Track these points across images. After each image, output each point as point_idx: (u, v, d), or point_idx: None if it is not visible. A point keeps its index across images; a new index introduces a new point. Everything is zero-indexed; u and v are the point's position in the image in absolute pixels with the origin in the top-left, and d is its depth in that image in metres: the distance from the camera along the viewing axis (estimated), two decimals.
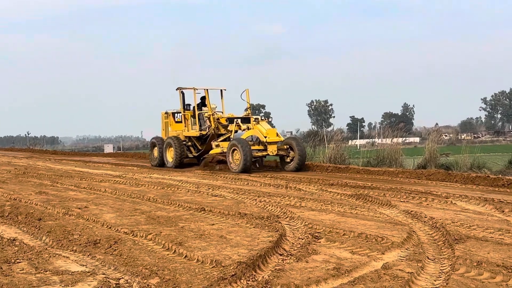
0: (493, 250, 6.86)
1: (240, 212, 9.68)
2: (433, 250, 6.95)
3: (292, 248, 7.10)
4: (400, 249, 6.97)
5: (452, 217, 9.12)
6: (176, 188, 13.70)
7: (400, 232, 7.97)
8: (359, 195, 11.76)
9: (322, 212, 9.80)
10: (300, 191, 12.82)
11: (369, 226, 8.45)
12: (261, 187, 13.76)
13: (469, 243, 7.22)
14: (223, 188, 13.56)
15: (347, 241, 7.48)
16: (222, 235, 7.87)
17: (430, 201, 10.99)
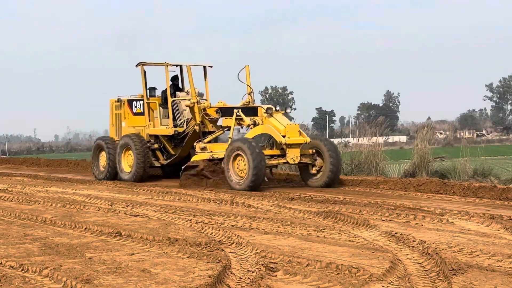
0: (502, 283, 6.89)
1: (169, 237, 9.53)
2: (424, 284, 6.97)
3: (239, 284, 7.00)
4: (381, 284, 6.94)
5: (449, 240, 9.20)
6: (83, 206, 13.41)
7: (381, 260, 7.97)
8: (327, 212, 11.75)
9: (279, 236, 9.75)
10: (251, 208, 12.75)
11: (340, 254, 8.44)
12: (198, 203, 13.61)
13: (471, 274, 7.24)
14: (147, 205, 13.37)
15: (312, 273, 7.42)
16: (144, 268, 7.71)
17: (420, 219, 11.04)
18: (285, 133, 15.27)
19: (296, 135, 15.56)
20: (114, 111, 19.69)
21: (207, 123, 17.21)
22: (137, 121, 18.91)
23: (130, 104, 19.21)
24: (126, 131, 18.83)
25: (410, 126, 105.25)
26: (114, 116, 19.70)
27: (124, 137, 18.37)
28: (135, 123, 18.97)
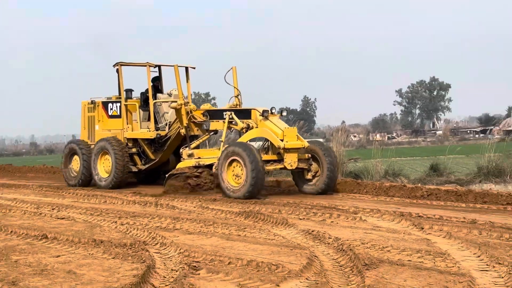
0: (411, 276, 7.03)
1: (95, 239, 9.41)
2: (339, 278, 7.06)
3: (164, 283, 6.97)
4: (299, 279, 7.00)
5: (362, 237, 9.35)
6: (8, 210, 13.13)
7: (298, 257, 8.04)
8: (248, 212, 11.80)
9: (202, 236, 9.75)
10: (174, 210, 12.72)
11: (260, 252, 8.50)
12: (123, 206, 13.49)
13: (382, 268, 7.37)
14: (72, 208, 13.18)
15: (234, 271, 7.44)
16: (70, 269, 7.60)
17: (335, 217, 11.19)
18: (283, 137, 13.93)
19: (294, 139, 14.14)
20: (87, 114, 18.11)
21: (193, 126, 15.80)
22: (113, 124, 17.36)
23: (105, 106, 17.48)
24: (101, 135, 17.29)
25: (326, 130, 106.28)
26: (86, 118, 18.13)
27: (101, 141, 16.75)
28: (110, 126, 17.40)
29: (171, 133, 16.08)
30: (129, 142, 16.60)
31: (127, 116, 16.86)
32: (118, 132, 16.84)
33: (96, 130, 17.40)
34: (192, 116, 15.36)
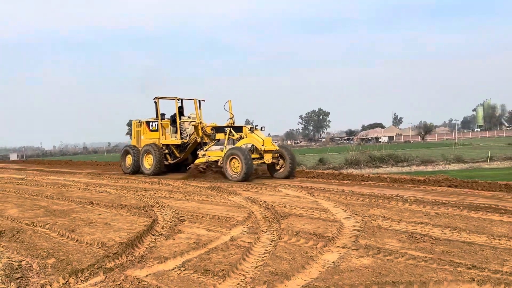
0: (307, 223, 7.25)
1: (121, 204, 9.43)
2: (266, 224, 7.20)
3: (163, 229, 7.05)
4: (242, 226, 7.16)
5: (279, 200, 9.47)
6: (69, 187, 12.97)
7: (243, 213, 8.18)
8: (213, 187, 11.89)
9: (186, 201, 9.79)
10: (170, 186, 12.71)
11: (220, 210, 8.58)
12: (139, 184, 13.45)
13: (291, 218, 7.57)
14: (108, 185, 13.10)
15: (205, 222, 7.55)
16: (107, 222, 7.64)
17: (264, 189, 11.34)
18: (263, 143, 13.92)
19: (270, 145, 14.04)
20: (136, 128, 17.80)
21: (205, 137, 15.39)
22: (153, 135, 17.06)
23: (147, 124, 17.24)
24: (145, 142, 16.96)
25: None
26: (135, 131, 17.83)
27: (146, 146, 16.36)
28: (151, 136, 17.08)
29: (191, 141, 15.89)
30: (164, 146, 16.43)
31: (162, 130, 16.68)
32: (156, 140, 16.68)
33: (142, 139, 17.24)
34: (205, 130, 15.15)
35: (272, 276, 4.81)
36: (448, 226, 6.76)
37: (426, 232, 6.44)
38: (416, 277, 4.67)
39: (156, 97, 16.37)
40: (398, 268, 4.95)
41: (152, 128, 17.13)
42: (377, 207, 8.48)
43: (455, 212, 7.79)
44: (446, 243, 5.90)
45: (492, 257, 5.28)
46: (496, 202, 8.75)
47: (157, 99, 16.39)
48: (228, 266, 5.17)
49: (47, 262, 5.45)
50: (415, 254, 5.41)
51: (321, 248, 5.80)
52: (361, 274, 4.79)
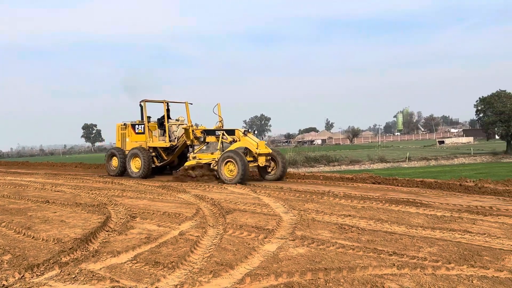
0: (250, 217, 7.27)
1: (76, 202, 9.08)
2: (213, 219, 7.17)
3: (116, 225, 6.87)
4: (191, 221, 7.09)
5: (225, 197, 9.44)
6: (26, 187, 12.36)
7: (191, 209, 8.10)
8: (164, 186, 11.69)
9: (138, 199, 9.58)
10: (122, 185, 12.39)
11: (171, 207, 8.46)
12: (93, 184, 12.98)
13: (235, 213, 7.57)
14: (64, 185, 12.57)
15: (155, 218, 7.42)
16: (62, 220, 7.34)
17: (211, 188, 11.28)
18: (257, 146, 12.69)
19: (263, 148, 12.83)
20: (120, 131, 16.16)
21: (194, 140, 14.13)
22: (138, 138, 15.46)
23: (133, 127, 15.60)
24: (130, 144, 15.45)
25: None
26: (119, 134, 16.19)
27: (133, 149, 14.83)
28: (137, 139, 15.49)
29: (179, 144, 14.62)
30: (151, 149, 15.06)
31: (149, 133, 15.18)
32: (142, 143, 15.14)
33: (127, 141, 15.77)
34: (195, 133, 13.95)
35: (218, 266, 4.79)
36: (373, 218, 6.97)
37: (354, 224, 6.62)
38: (345, 263, 4.79)
39: (143, 100, 15.08)
40: (330, 256, 5.05)
41: (138, 131, 15.62)
42: (311, 202, 8.62)
43: (378, 206, 8.05)
44: (371, 233, 6.08)
45: (410, 244, 5.49)
46: (413, 197, 9.12)
47: (143, 102, 15.09)
48: (177, 258, 5.10)
49: (3, 259, 5.17)
50: (344, 243, 5.54)
51: (262, 239, 5.83)
52: (297, 262, 4.85)
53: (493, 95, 56.47)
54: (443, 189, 10.33)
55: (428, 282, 4.18)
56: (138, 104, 15.30)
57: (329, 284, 4.20)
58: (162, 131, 15.28)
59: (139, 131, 15.55)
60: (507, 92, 56.36)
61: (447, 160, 50.48)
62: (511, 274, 4.37)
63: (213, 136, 13.78)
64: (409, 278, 4.29)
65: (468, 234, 5.87)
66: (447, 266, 4.62)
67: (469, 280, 4.22)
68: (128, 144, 15.70)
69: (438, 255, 5.02)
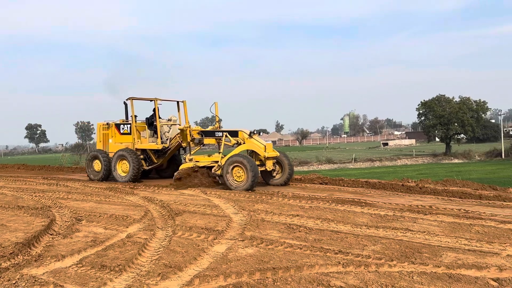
0: (200, 219, 7.23)
1: (18, 205, 8.66)
2: (162, 221, 7.07)
3: (60, 229, 6.64)
4: (139, 223, 6.96)
5: (175, 199, 9.34)
6: None
7: (139, 211, 7.94)
8: (111, 188, 11.39)
9: (84, 202, 9.28)
10: (68, 187, 11.94)
11: (118, 209, 8.26)
12: (37, 186, 12.40)
13: (185, 215, 7.50)
14: (5, 187, 11.95)
15: (102, 220, 7.23)
16: (2, 223, 6.99)
17: (160, 189, 11.10)
18: (265, 149, 11.48)
19: (271, 151, 11.65)
20: (102, 132, 14.44)
21: (184, 141, 12.79)
22: (124, 139, 13.82)
23: (117, 127, 13.99)
24: (115, 146, 13.92)
25: None
26: (101, 135, 14.46)
27: (120, 151, 13.26)
28: (122, 140, 13.87)
29: (172, 146, 13.28)
30: (138, 151, 13.45)
31: (136, 134, 13.59)
32: (128, 144, 13.60)
33: (110, 142, 14.14)
34: (192, 135, 12.54)
35: (166, 268, 4.73)
36: (320, 217, 7.11)
37: (302, 223, 6.72)
38: (292, 262, 4.85)
39: (130, 98, 13.43)
40: (278, 256, 5.11)
41: (123, 131, 13.97)
42: (261, 202, 8.68)
43: (325, 206, 8.22)
44: (317, 232, 6.20)
45: (354, 243, 5.65)
46: (358, 197, 9.39)
47: (131, 99, 13.45)
48: (124, 261, 4.99)
49: None
50: (292, 243, 5.62)
51: (211, 240, 5.81)
52: (246, 262, 4.87)
53: (433, 100, 59.09)
54: (387, 189, 10.70)
55: (371, 279, 4.32)
56: (123, 102, 13.92)
57: (277, 283, 4.24)
58: (152, 131, 13.83)
59: (124, 132, 13.99)
60: (446, 97, 59.17)
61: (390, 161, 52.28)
62: (448, 269, 4.59)
63: (213, 138, 12.47)
64: (353, 276, 4.41)
65: (410, 232, 6.11)
66: (390, 263, 4.79)
67: (410, 276, 4.40)
68: (112, 145, 14.16)
69: (381, 253, 5.19)
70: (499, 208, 8.03)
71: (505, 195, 9.22)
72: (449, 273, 4.44)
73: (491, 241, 5.65)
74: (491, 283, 4.21)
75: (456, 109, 56.33)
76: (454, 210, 7.68)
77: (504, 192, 9.70)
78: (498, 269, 4.59)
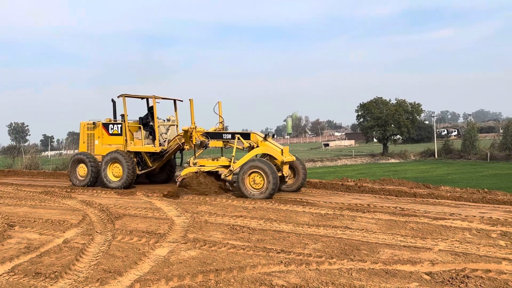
0: (141, 222, 7.07)
1: None
2: (101, 226, 6.85)
3: None
4: (77, 228, 6.71)
5: (114, 202, 9.09)
6: None
7: (77, 216, 7.66)
8: (47, 191, 10.88)
9: (17, 207, 8.82)
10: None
11: (54, 214, 7.92)
12: None
13: (125, 219, 7.31)
14: None
15: (37, 226, 6.90)
16: None
17: (99, 192, 10.75)
18: (282, 153, 10.37)
19: (288, 155, 10.55)
20: (86, 132, 12.80)
21: (187, 143, 11.48)
22: (113, 140, 12.31)
23: (105, 127, 12.44)
24: (102, 148, 12.38)
25: None
26: (85, 135, 12.81)
27: (112, 153, 11.76)
28: (111, 141, 12.35)
29: (171, 148, 11.92)
30: (131, 154, 11.96)
31: (127, 135, 12.11)
32: (118, 146, 12.15)
33: (96, 144, 12.56)
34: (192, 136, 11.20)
35: (105, 274, 4.59)
36: (263, 217, 7.17)
37: (245, 224, 6.75)
38: (235, 263, 4.86)
39: (123, 95, 11.92)
40: (221, 257, 5.10)
41: (112, 132, 12.46)
42: (204, 204, 8.63)
43: (268, 206, 8.30)
44: (261, 232, 6.25)
45: (296, 242, 5.74)
46: (300, 196, 9.56)
47: (123, 96, 11.94)
48: (60, 267, 4.79)
49: None
50: (235, 244, 5.63)
51: (153, 244, 5.70)
52: (188, 265, 4.82)
53: (371, 102, 61.24)
54: (327, 189, 10.96)
55: (312, 277, 4.40)
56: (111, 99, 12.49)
57: (220, 284, 4.23)
58: (147, 132, 12.50)
59: (114, 132, 12.47)
60: (383, 99, 61.52)
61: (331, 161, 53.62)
62: (385, 265, 4.76)
63: (219, 140, 11.21)
64: (295, 274, 4.48)
65: (349, 230, 6.30)
66: (330, 261, 4.91)
67: (349, 273, 4.53)
68: (98, 147, 12.59)
69: (322, 251, 5.31)
70: (432, 205, 8.45)
71: (438, 193, 9.72)
72: (386, 269, 4.62)
73: (425, 237, 5.93)
74: (424, 277, 4.42)
75: (392, 111, 58.68)
76: (390, 208, 7.99)
77: (436, 190, 10.22)
78: (431, 263, 4.83)
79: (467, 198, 9.19)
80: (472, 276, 4.37)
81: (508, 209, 8.09)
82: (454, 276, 4.37)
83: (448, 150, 46.55)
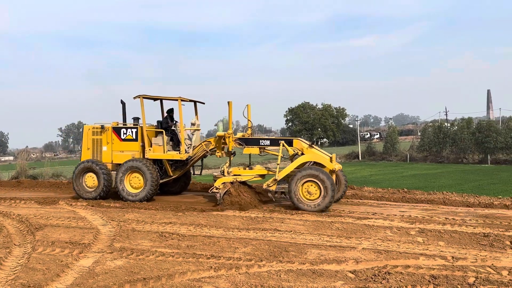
0: (64, 232, 6.74)
1: None
2: (19, 237, 6.45)
3: None
4: None
5: (35, 212, 8.56)
6: None
7: None
8: None
9: None
10: None
11: None
12: None
13: (47, 229, 6.93)
14: None
15: None
16: None
17: (18, 202, 10.01)
18: (331, 160, 9.44)
19: (336, 163, 9.65)
20: (91, 136, 11.12)
21: (219, 150, 10.46)
22: (126, 146, 10.87)
23: (116, 131, 10.95)
24: (109, 155, 10.93)
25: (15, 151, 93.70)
26: (90, 141, 11.13)
27: (131, 161, 10.36)
28: (123, 148, 10.88)
29: (196, 156, 10.73)
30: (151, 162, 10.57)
31: (144, 140, 10.81)
32: (134, 153, 10.79)
33: (104, 151, 11.07)
34: (224, 142, 10.27)
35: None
36: (193, 223, 7.10)
37: (174, 231, 6.64)
38: (164, 271, 4.76)
39: (140, 96, 10.70)
40: (149, 265, 4.97)
41: (125, 137, 11.04)
42: (132, 212, 8.39)
43: (199, 211, 8.23)
44: (190, 238, 6.17)
45: (226, 246, 5.73)
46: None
47: (140, 97, 10.71)
48: None
49: None
50: (164, 251, 5.52)
51: (76, 255, 5.45)
52: (115, 275, 4.66)
53: (299, 106, 62.88)
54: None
55: (242, 280, 4.42)
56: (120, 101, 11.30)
57: None
58: (169, 137, 11.28)
59: (127, 137, 11.06)
60: (310, 104, 63.38)
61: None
62: (312, 265, 4.89)
63: (256, 147, 10.26)
64: (225, 279, 4.48)
65: (278, 232, 6.40)
66: (259, 263, 4.95)
67: (278, 275, 4.59)
68: (106, 154, 11.12)
69: (251, 254, 5.35)
70: (356, 205, 8.81)
71: (361, 194, 10.15)
72: (313, 269, 4.74)
73: (349, 236, 6.16)
74: (349, 275, 4.59)
75: (319, 115, 60.61)
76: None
77: (360, 191, 10.67)
78: (355, 261, 5.02)
79: (388, 197, 9.69)
80: (393, 272, 4.60)
81: (425, 207, 8.63)
82: (377, 273, 4.58)
83: (371, 152, 48.70)
